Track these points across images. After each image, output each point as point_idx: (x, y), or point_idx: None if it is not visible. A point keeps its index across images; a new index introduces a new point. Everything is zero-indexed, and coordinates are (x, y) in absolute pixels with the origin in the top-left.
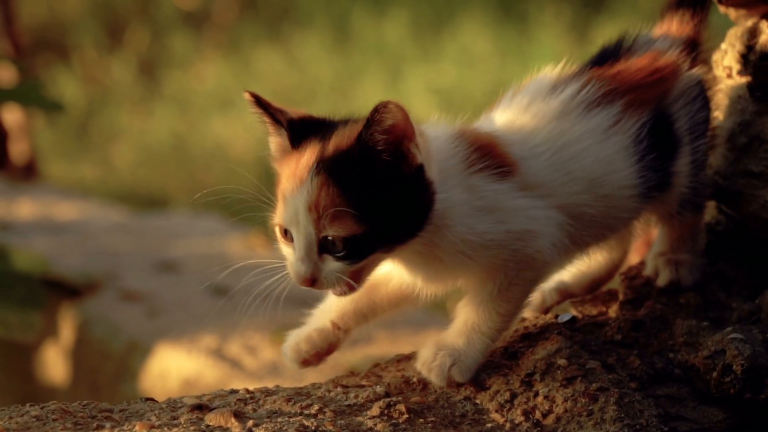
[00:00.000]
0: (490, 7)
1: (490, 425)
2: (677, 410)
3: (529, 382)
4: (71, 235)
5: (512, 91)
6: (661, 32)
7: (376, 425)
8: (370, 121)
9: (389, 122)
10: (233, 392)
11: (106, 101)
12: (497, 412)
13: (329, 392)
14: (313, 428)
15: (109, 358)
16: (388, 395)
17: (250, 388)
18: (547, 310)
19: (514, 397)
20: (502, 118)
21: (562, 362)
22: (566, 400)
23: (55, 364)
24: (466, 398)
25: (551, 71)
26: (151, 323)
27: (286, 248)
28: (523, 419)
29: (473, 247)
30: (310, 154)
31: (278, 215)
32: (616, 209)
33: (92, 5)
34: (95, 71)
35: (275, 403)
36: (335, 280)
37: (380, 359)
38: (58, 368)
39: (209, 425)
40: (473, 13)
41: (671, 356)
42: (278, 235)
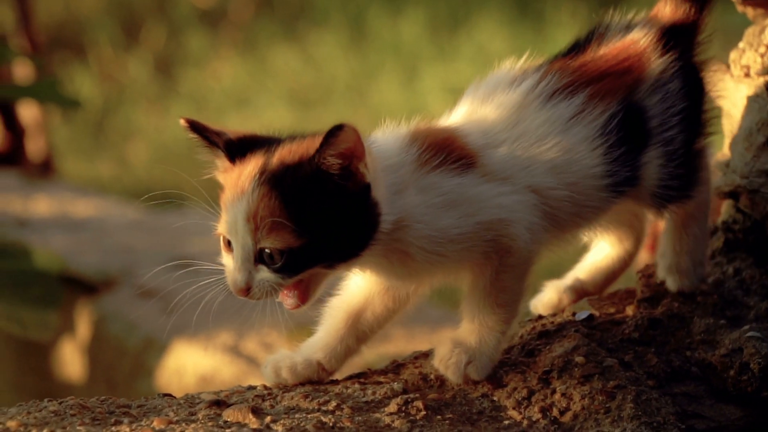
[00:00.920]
0: (506, 6)
1: (507, 422)
2: (694, 408)
3: (546, 379)
4: (88, 232)
5: (474, 85)
6: (642, 18)
7: (393, 422)
8: (324, 143)
9: (343, 146)
10: (251, 388)
11: (122, 99)
12: (515, 409)
13: (347, 389)
14: (330, 425)
15: (125, 354)
16: (405, 392)
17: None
18: (563, 308)
19: (531, 394)
20: (461, 111)
21: (579, 360)
22: (583, 397)
23: (71, 361)
24: (483, 395)
25: (513, 64)
26: (167, 320)
27: (226, 257)
28: (540, 416)
29: (440, 243)
30: (253, 166)
31: (220, 224)
32: (585, 198)
33: (109, 3)
34: (111, 69)
35: (293, 399)
36: (267, 289)
37: (397, 356)
38: (74, 365)
39: (227, 421)
40: (489, 12)
41: (688, 354)
42: (221, 244)
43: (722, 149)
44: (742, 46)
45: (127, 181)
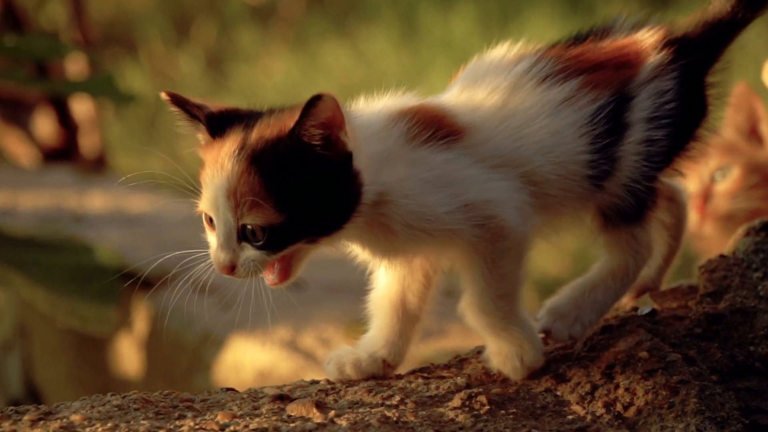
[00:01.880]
0: (557, 1)
1: (571, 417)
2: (758, 403)
3: (610, 374)
4: (143, 227)
5: (469, 66)
6: (662, 22)
7: (457, 416)
8: (304, 114)
9: (324, 115)
10: (314, 383)
11: None
12: (578, 404)
13: (410, 383)
14: (394, 419)
15: (182, 350)
16: (469, 386)
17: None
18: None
19: (594, 389)
20: (453, 90)
21: (642, 354)
22: (647, 392)
23: (129, 356)
24: (546, 390)
25: (508, 48)
26: (224, 315)
27: (210, 235)
28: (604, 411)
29: (426, 220)
30: (232, 141)
31: (201, 201)
32: (571, 182)
33: (160, 0)
34: (163, 65)
35: (356, 393)
36: (252, 268)
37: (453, 351)
38: (132, 360)
39: (291, 415)
40: (540, 7)
41: (752, 349)
42: (204, 222)
43: None
44: None
45: (179, 176)
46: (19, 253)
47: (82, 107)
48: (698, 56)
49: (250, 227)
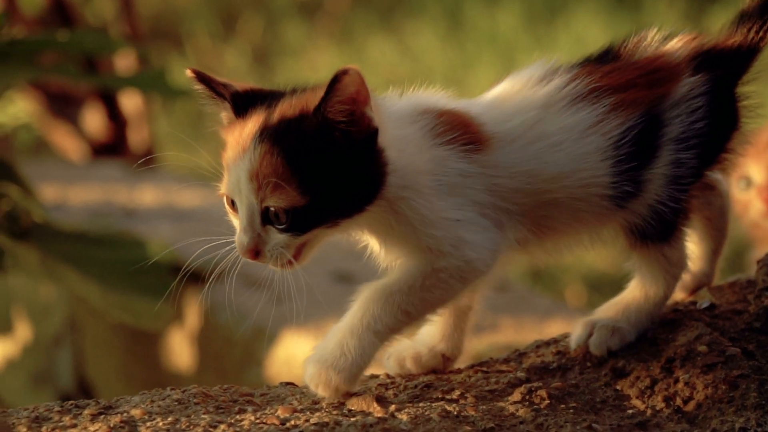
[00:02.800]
0: None
1: (631, 411)
2: None
3: (669, 368)
4: (193, 221)
5: (505, 79)
6: (683, 37)
7: (517, 410)
8: (330, 90)
9: (350, 90)
10: (373, 377)
11: None
12: (638, 398)
13: (469, 377)
14: (455, 413)
15: (234, 344)
16: (528, 380)
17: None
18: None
19: (654, 383)
20: (486, 98)
21: (702, 348)
22: (707, 386)
23: (180, 350)
24: (606, 384)
25: (545, 62)
26: (276, 309)
27: (234, 219)
28: (663, 405)
29: (426, 223)
30: (254, 122)
31: (223, 184)
32: (587, 203)
33: None
34: (209, 60)
35: (416, 388)
36: (278, 253)
37: (506, 346)
38: (183, 355)
39: (351, 410)
40: (586, 2)
41: None
42: (226, 205)
43: None
44: None
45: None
46: (72, 248)
47: (130, 101)
48: (729, 68)
49: (273, 209)
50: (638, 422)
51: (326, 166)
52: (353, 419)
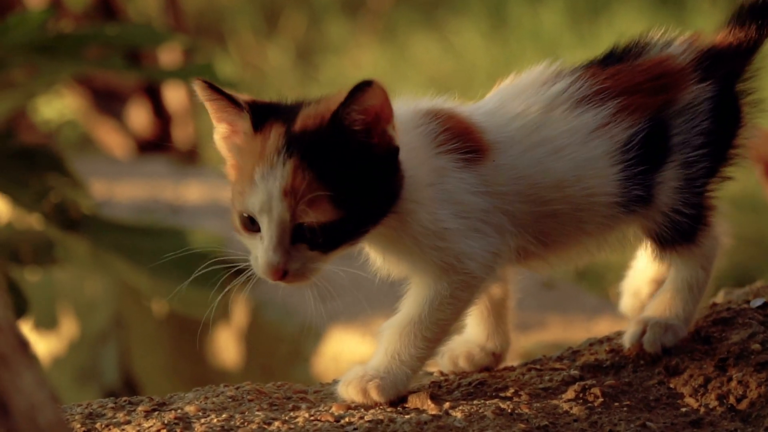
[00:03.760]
0: None
1: (684, 409)
2: None
3: (722, 366)
4: None
5: (506, 81)
6: (686, 39)
7: (571, 408)
8: (349, 98)
9: (369, 102)
10: (427, 374)
11: (263, 86)
12: (691, 396)
13: (523, 375)
14: (509, 411)
15: (281, 341)
16: (582, 378)
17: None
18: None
19: (707, 381)
20: (487, 105)
21: (755, 347)
22: (760, 385)
23: (227, 346)
24: (659, 382)
25: (548, 65)
26: (323, 306)
27: (249, 239)
28: (717, 404)
29: (429, 236)
30: (275, 136)
31: (243, 202)
32: (591, 211)
33: None
34: (252, 57)
35: (470, 385)
36: (309, 272)
37: (553, 343)
38: (230, 351)
39: (405, 407)
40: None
41: None
42: (237, 224)
43: None
44: None
45: None
46: (121, 238)
47: (175, 97)
48: (729, 67)
49: (306, 226)
50: (692, 420)
51: (353, 179)
52: (407, 416)
